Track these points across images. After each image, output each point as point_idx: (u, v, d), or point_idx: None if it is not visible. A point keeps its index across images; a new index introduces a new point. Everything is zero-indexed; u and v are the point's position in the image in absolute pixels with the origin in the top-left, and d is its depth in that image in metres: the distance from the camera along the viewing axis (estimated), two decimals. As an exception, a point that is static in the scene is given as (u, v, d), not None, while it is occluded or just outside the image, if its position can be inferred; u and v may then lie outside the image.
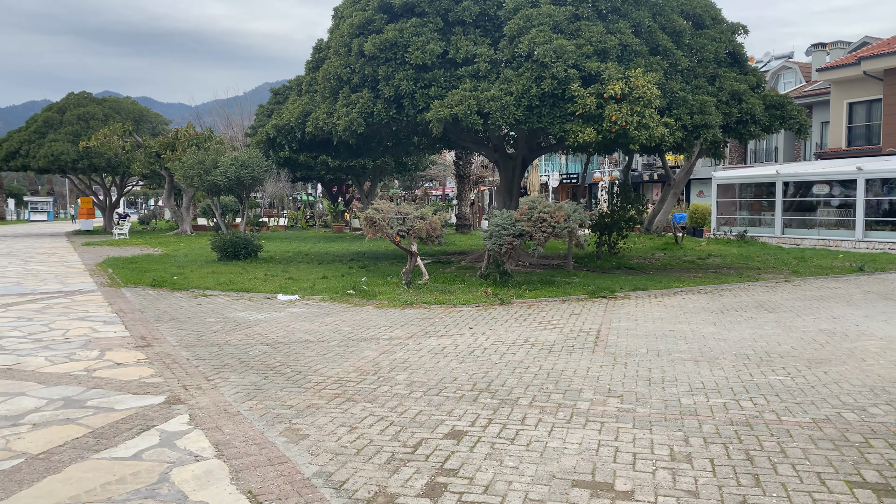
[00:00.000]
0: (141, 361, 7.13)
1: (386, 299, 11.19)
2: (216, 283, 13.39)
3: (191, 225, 35.73)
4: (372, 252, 21.99)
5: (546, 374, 6.54)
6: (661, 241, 25.56)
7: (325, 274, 15.01)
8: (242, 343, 8.05)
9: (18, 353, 7.46)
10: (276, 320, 9.61)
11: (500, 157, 18.62)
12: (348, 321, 9.51)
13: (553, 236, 11.83)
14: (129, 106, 40.79)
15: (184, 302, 11.42)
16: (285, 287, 12.81)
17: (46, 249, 25.25)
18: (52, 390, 5.98)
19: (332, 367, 6.81)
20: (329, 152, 21.65)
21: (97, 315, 10.07)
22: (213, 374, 6.60)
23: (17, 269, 17.51)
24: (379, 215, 11.64)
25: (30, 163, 37.53)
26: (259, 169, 16.83)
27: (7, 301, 11.53)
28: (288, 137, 17.79)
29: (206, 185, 16.86)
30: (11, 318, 9.82)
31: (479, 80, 13.80)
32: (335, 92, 15.42)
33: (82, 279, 14.92)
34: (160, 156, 32.92)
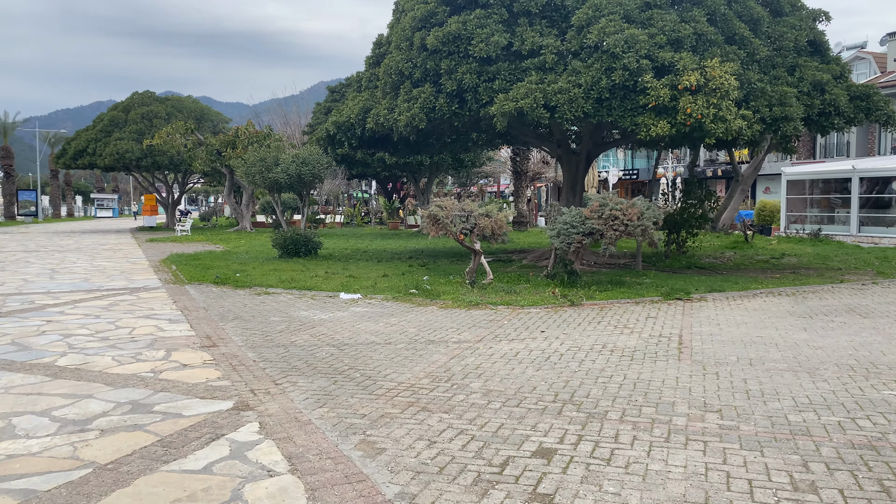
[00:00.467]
0: (207, 363, 6.95)
1: (450, 299, 10.85)
2: (278, 280, 13.28)
3: (250, 222, 36.17)
4: (430, 249, 21.72)
5: (632, 385, 6.08)
6: (730, 240, 24.56)
7: (386, 272, 14.77)
8: (308, 344, 7.82)
9: (86, 353, 7.38)
10: (340, 320, 9.37)
11: (563, 152, 18.08)
12: (413, 322, 9.20)
13: (625, 235, 11.30)
14: (190, 105, 41.57)
15: (247, 300, 11.31)
16: (347, 285, 12.60)
17: (112, 245, 25.82)
18: (120, 393, 5.82)
19: (402, 373, 6.49)
20: (387, 149, 21.45)
21: (162, 313, 10.01)
22: (280, 377, 6.35)
23: (85, 264, 17.83)
24: (442, 213, 11.30)
25: (96, 161, 38.61)
26: (319, 166, 16.70)
27: (75, 298, 11.63)
28: (348, 134, 17.64)
29: (268, 183, 16.83)
30: (80, 315, 9.84)
31: (545, 73, 13.32)
32: (396, 87, 15.15)
33: (147, 276, 15.04)
34: (221, 153, 33.41)
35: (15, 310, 10.29)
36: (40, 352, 7.42)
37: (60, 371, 6.57)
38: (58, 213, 69.20)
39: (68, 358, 7.12)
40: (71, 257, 20.14)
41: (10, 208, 55.43)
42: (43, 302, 11.10)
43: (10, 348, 7.60)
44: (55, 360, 7.05)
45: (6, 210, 55.39)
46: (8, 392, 5.85)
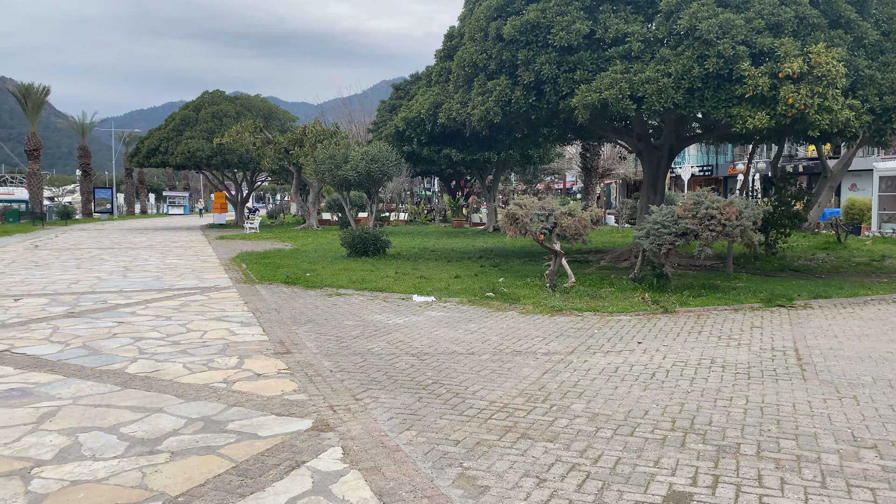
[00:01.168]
0: (282, 372, 6.50)
1: (530, 304, 10.18)
2: (349, 281, 12.87)
3: (317, 220, 36.25)
4: (499, 248, 21.06)
5: (759, 410, 5.31)
6: (819, 240, 23.04)
7: (457, 273, 14.20)
8: (386, 353, 7.29)
9: (157, 358, 7.04)
10: (416, 325, 8.83)
11: (643, 147, 17.13)
12: (494, 329, 8.58)
13: (722, 236, 10.40)
14: (258, 103, 42.01)
15: (318, 301, 10.91)
16: (419, 287, 12.08)
17: (183, 243, 26.10)
18: (191, 407, 5.40)
19: (492, 389, 5.88)
20: (456, 145, 20.92)
21: (234, 315, 9.68)
22: (360, 391, 5.83)
23: (157, 262, 17.89)
24: (522, 211, 10.63)
25: (168, 159, 39.41)
26: (389, 163, 16.27)
27: (147, 297, 11.47)
28: (417, 130, 17.16)
29: (337, 180, 16.50)
30: (151, 316, 9.60)
31: (630, 62, 12.48)
32: (470, 80, 14.55)
33: (217, 274, 14.89)
34: (289, 151, 33.54)
35: (88, 309, 10.15)
36: (111, 356, 7.12)
37: (130, 379, 6.22)
38: (132, 211, 71.47)
39: (139, 364, 6.79)
40: (143, 255, 20.32)
41: (87, 206, 57.43)
42: (115, 301, 10.96)
43: (82, 352, 7.34)
44: (125, 366, 6.73)
45: (84, 207, 57.41)
46: (76, 403, 5.51)
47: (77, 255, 19.90)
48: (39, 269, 15.87)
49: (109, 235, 31.40)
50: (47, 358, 7.05)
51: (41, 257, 19.28)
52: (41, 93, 44.51)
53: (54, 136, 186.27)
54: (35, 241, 27.07)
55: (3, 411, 5.29)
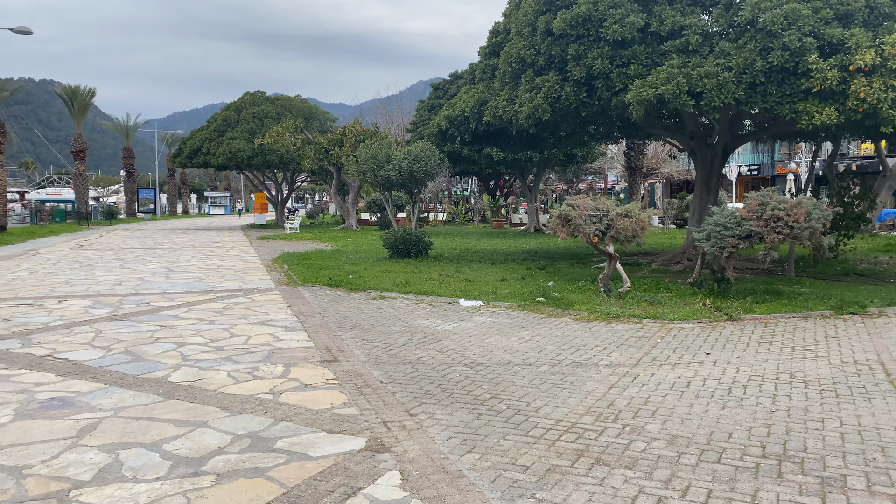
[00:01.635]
0: (330, 382, 6.16)
1: (585, 310, 9.70)
2: (392, 283, 12.54)
3: (356, 220, 36.14)
4: (543, 250, 20.55)
5: (857, 433, 4.78)
6: (879, 242, 22.00)
7: (503, 275, 13.76)
8: (437, 362, 6.91)
9: (200, 366, 6.77)
10: (466, 332, 8.44)
11: (696, 145, 16.47)
12: (550, 337, 8.13)
13: (790, 238, 9.78)
14: (299, 104, 42.10)
15: (363, 305, 10.59)
16: (465, 291, 11.68)
17: (225, 243, 26.15)
18: (237, 421, 5.09)
19: (556, 406, 5.45)
20: (499, 144, 20.48)
21: (278, 319, 9.41)
22: (414, 405, 5.46)
23: (199, 263, 17.83)
24: (575, 212, 10.16)
25: (210, 160, 39.70)
26: (432, 163, 15.91)
27: (189, 300, 11.29)
28: (460, 129, 16.77)
29: (379, 180, 16.21)
30: (194, 319, 9.38)
31: (687, 56, 11.90)
32: (517, 76, 14.10)
33: (260, 276, 14.70)
34: (328, 152, 33.46)
35: (130, 312, 9.99)
36: (153, 363, 6.87)
37: (173, 389, 5.94)
38: (174, 211, 72.52)
39: (182, 372, 6.52)
40: (186, 255, 20.32)
41: (131, 206, 58.39)
42: (158, 304, 10.79)
43: (124, 358, 7.11)
44: (168, 374, 6.46)
45: (128, 207, 58.37)
46: (118, 415, 5.24)
47: (121, 256, 19.98)
48: (84, 270, 15.89)
49: (152, 235, 31.70)
50: (89, 364, 6.83)
51: (86, 257, 19.40)
52: (87, 95, 45.31)
53: (100, 138, 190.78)
54: (80, 240, 27.41)
55: (44, 423, 5.04)
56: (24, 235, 28.96)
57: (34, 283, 13.34)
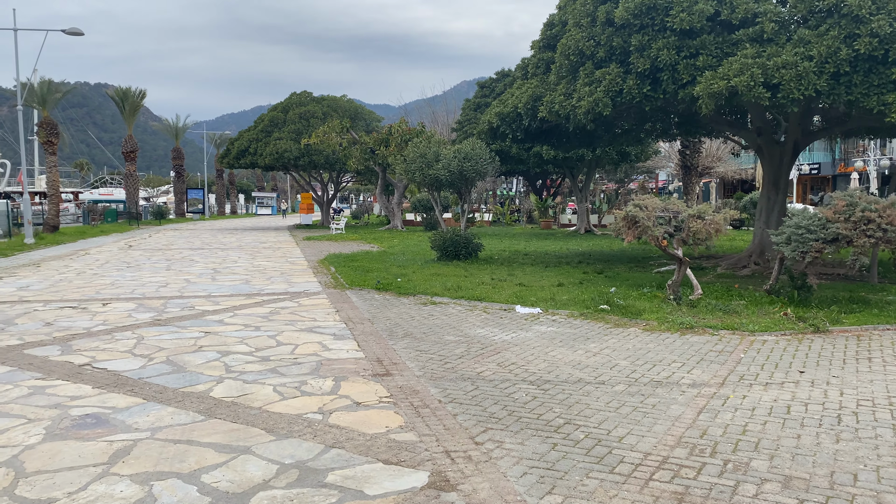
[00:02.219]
0: (384, 401, 5.61)
1: (654, 319, 8.97)
2: (443, 288, 11.97)
3: (402, 220, 35.75)
4: (597, 253, 19.75)
5: None
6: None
7: (560, 280, 13.06)
8: (499, 378, 6.30)
9: (244, 379, 6.29)
10: (527, 343, 7.81)
11: (763, 142, 15.49)
12: (620, 351, 7.45)
13: (883, 242, 8.88)
14: (345, 104, 41.95)
15: (413, 311, 10.04)
16: (521, 296, 11.04)
17: (272, 244, 25.99)
18: (283, 447, 4.56)
19: (641, 435, 4.79)
20: (551, 142, 19.75)
21: (326, 325, 8.92)
22: (478, 431, 4.86)
23: (246, 264, 17.57)
24: (643, 213, 9.43)
25: (257, 160, 39.82)
26: (482, 161, 15.30)
27: (235, 303, 10.91)
28: (513, 126, 16.11)
29: (428, 180, 15.67)
30: (239, 325, 8.96)
31: (762, 45, 11.05)
32: (574, 69, 13.39)
33: (306, 278, 14.30)
34: (374, 151, 33.15)
35: (174, 316, 9.63)
36: (195, 375, 6.43)
37: (215, 406, 5.47)
38: (222, 211, 73.44)
39: (225, 386, 6.05)
40: (233, 255, 20.13)
41: (180, 206, 59.22)
42: (202, 308, 10.43)
43: (165, 368, 6.68)
44: (210, 388, 6.00)
45: (177, 207, 59.22)
46: (154, 437, 4.77)
47: (168, 256, 19.89)
48: (130, 271, 15.74)
49: (200, 236, 31.82)
50: (128, 375, 6.42)
51: (133, 258, 19.34)
52: (137, 96, 45.99)
53: (151, 140, 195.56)
54: (129, 240, 27.60)
55: (75, 446, 4.60)
56: (76, 235, 29.33)
57: (80, 285, 13.17)
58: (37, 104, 31.70)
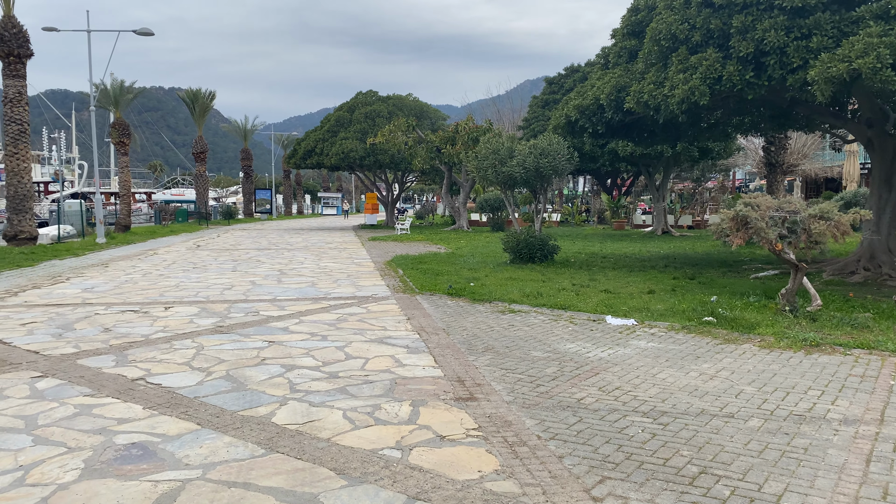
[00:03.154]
0: (472, 434, 4.75)
1: (770, 334, 7.83)
2: (521, 294, 11.04)
3: (467, 220, 34.92)
4: (681, 255, 18.43)
5: None
6: None
7: (649, 286, 11.95)
8: (604, 407, 5.35)
9: (311, 400, 5.54)
10: (627, 362, 6.82)
11: (874, 135, 13.95)
12: (740, 373, 6.39)
13: None
14: (410, 103, 41.41)
15: (491, 320, 9.16)
16: (609, 305, 10.02)
17: (338, 244, 25.56)
18: (357, 497, 3.75)
19: (804, 493, 3.78)
20: (632, 137, 18.53)
21: (397, 336, 8.14)
22: (593, 481, 3.95)
23: (312, 265, 17.05)
24: (755, 213, 8.29)
25: (323, 160, 39.66)
26: (560, 158, 14.29)
27: (301, 308, 10.26)
28: (592, 119, 15.05)
29: (501, 178, 14.76)
30: (304, 334, 8.26)
31: (888, 22, 9.72)
32: (666, 56, 12.26)
33: (374, 281, 13.60)
34: (440, 150, 32.43)
35: (237, 323, 9.02)
36: (256, 394, 5.71)
37: (278, 435, 4.72)
38: (289, 211, 74.27)
39: (289, 409, 5.31)
40: (299, 256, 19.69)
41: (248, 206, 60.00)
42: (267, 313, 9.81)
43: (224, 385, 6.00)
44: (273, 411, 5.27)
45: (245, 207, 60.03)
46: (206, 476, 4.03)
47: (234, 257, 19.59)
48: (196, 272, 15.40)
49: (267, 236, 31.75)
50: (183, 393, 5.76)
51: (200, 258, 19.12)
52: (207, 97, 46.65)
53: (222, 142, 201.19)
54: (198, 240, 27.66)
55: (114, 486, 3.91)
56: (146, 235, 29.65)
57: (145, 287, 12.82)
58: (110, 106, 32.26)
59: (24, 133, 20.51)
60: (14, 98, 20.39)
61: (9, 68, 20.33)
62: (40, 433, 4.83)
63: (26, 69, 20.61)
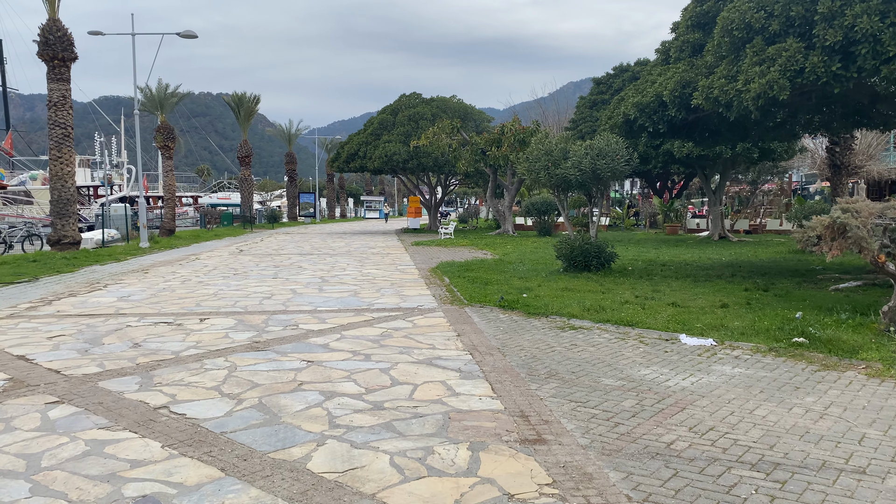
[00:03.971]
0: (545, 492, 3.92)
1: (877, 360, 6.80)
2: (580, 307, 10.14)
3: (513, 225, 33.99)
4: (745, 263, 17.24)
5: None
6: None
7: (721, 299, 10.91)
8: (701, 456, 4.47)
9: (352, 440, 4.78)
10: (715, 393, 5.90)
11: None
12: (854, 410, 5.42)
13: None
14: (454, 104, 40.71)
15: (550, 337, 8.31)
16: (682, 322, 9.05)
17: (380, 249, 24.95)
18: (410, 587, 2.96)
19: None
20: (693, 137, 17.42)
21: (447, 356, 7.34)
22: (708, 568, 3.08)
23: (354, 272, 16.41)
24: (855, 221, 7.26)
25: (366, 164, 39.23)
26: (619, 159, 13.34)
27: (342, 320, 9.55)
28: (653, 118, 14.03)
29: (554, 180, 13.87)
30: (346, 353, 7.53)
31: None
32: (738, 47, 11.22)
33: (419, 290, 12.85)
34: (485, 152, 31.62)
35: (275, 338, 8.36)
36: (291, 430, 4.98)
37: (313, 488, 3.97)
38: (332, 214, 74.33)
39: (327, 451, 4.56)
40: (341, 262, 19.09)
41: (292, 210, 60.06)
42: (307, 326, 9.13)
43: (255, 417, 5.29)
44: (308, 453, 4.52)
45: (289, 211, 60.10)
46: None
47: (276, 263, 19.09)
48: (236, 279, 14.88)
49: (310, 240, 31.36)
50: (209, 426, 5.06)
51: (242, 264, 18.66)
52: (252, 101, 46.71)
53: (268, 146, 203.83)
54: (241, 244, 27.37)
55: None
56: (190, 239, 29.51)
57: (183, 295, 12.31)
58: (155, 110, 32.32)
59: (67, 137, 20.38)
60: (58, 101, 20.28)
61: (53, 72, 20.23)
62: (41, 479, 4.16)
63: (70, 72, 20.50)
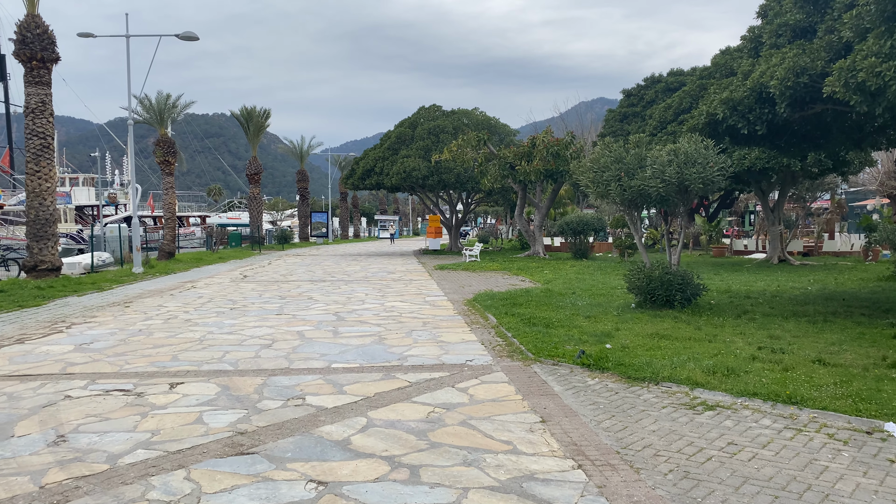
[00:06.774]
0: None
1: None
2: (699, 368, 7.29)
3: (543, 246, 31.15)
4: (840, 292, 14.33)
5: None
6: None
7: (870, 350, 8.07)
8: None
9: None
10: None
11: None
12: None
13: None
14: (477, 116, 38.15)
15: (687, 428, 5.49)
16: (858, 392, 6.23)
17: (401, 274, 22.22)
18: None
19: None
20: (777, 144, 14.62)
21: (544, 473, 4.54)
22: None
23: (375, 304, 13.67)
24: None
25: (383, 180, 36.68)
26: (713, 168, 10.56)
27: (367, 390, 6.76)
28: (748, 117, 11.29)
29: (629, 194, 11.09)
30: (378, 460, 4.74)
31: None
32: (892, 17, 8.45)
33: (461, 334, 10.06)
34: (514, 167, 28.89)
35: (269, 425, 5.60)
36: None
37: None
38: (345, 234, 71.82)
39: None
40: (359, 292, 16.35)
41: (304, 230, 57.59)
42: (317, 401, 6.37)
43: None
44: None
45: (301, 231, 57.64)
46: None
47: (283, 292, 16.39)
48: (232, 316, 12.17)
49: (322, 263, 28.70)
50: None
51: (242, 294, 15.97)
52: (262, 116, 44.38)
53: (280, 166, 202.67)
54: (246, 269, 24.74)
55: None
56: (191, 262, 26.92)
57: (159, 341, 9.61)
58: (154, 122, 29.86)
59: (47, 148, 17.82)
60: (36, 108, 17.75)
61: (31, 74, 17.73)
62: None
63: (51, 75, 18.01)
